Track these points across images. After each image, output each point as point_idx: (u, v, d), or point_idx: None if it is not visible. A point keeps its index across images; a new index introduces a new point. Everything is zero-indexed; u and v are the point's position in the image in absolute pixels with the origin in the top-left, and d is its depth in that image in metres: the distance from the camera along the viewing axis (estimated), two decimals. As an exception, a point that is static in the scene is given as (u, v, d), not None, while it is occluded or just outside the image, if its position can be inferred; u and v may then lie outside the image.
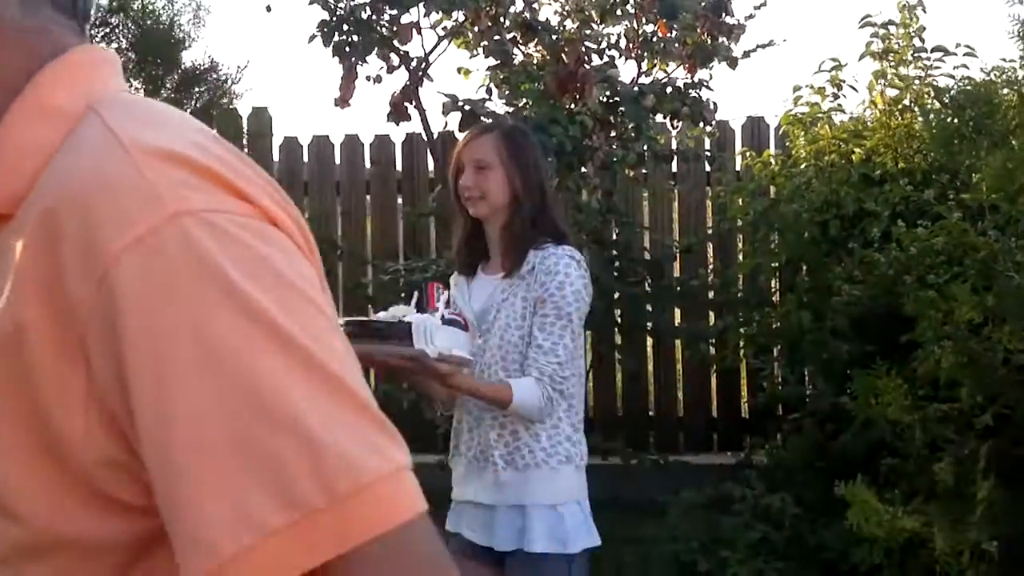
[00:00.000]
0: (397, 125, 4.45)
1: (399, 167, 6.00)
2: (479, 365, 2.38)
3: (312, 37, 4.27)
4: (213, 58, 5.09)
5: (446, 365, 2.18)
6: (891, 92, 4.58)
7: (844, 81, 4.64)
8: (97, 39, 4.90)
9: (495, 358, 2.37)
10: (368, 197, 6.04)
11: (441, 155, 4.74)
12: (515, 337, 2.35)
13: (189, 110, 5.03)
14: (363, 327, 2.15)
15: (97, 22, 4.91)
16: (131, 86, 4.97)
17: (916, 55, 4.53)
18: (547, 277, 2.34)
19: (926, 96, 4.50)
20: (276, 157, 6.02)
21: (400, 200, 6.00)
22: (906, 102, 4.56)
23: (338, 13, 4.26)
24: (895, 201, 4.28)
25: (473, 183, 2.38)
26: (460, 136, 4.76)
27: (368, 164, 6.05)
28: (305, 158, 6.06)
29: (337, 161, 6.06)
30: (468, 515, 2.45)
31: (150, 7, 5.00)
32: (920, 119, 4.46)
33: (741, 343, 4.94)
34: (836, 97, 4.66)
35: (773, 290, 5.15)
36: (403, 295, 4.88)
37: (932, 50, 4.51)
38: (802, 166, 4.68)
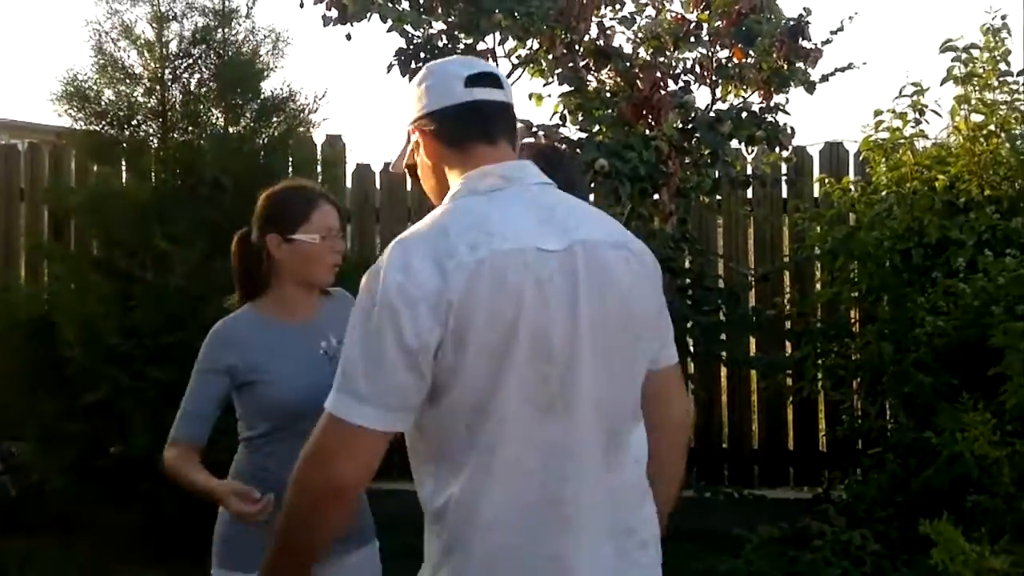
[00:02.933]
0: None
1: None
2: None
3: (390, 66, 4.33)
4: (292, 88, 5.15)
5: None
6: (976, 117, 4.47)
7: (926, 106, 4.53)
8: (180, 69, 5.03)
9: None
10: (439, 224, 6.07)
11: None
12: None
13: (267, 138, 5.11)
14: None
15: (180, 53, 5.03)
16: (212, 116, 5.09)
17: (1002, 79, 4.41)
18: None
19: (1012, 121, 4.37)
20: (349, 184, 6.10)
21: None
22: (992, 127, 4.43)
23: (415, 41, 4.31)
24: (981, 229, 4.16)
25: None
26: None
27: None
28: (377, 185, 6.13)
29: (409, 187, 6.11)
30: None
31: (231, 38, 5.09)
32: (1007, 145, 4.33)
33: (819, 374, 4.82)
34: (918, 123, 4.56)
35: (853, 320, 5.02)
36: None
37: (1018, 74, 4.40)
38: (883, 193, 4.58)
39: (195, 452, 2.48)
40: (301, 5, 4.48)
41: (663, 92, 4.27)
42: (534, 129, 4.17)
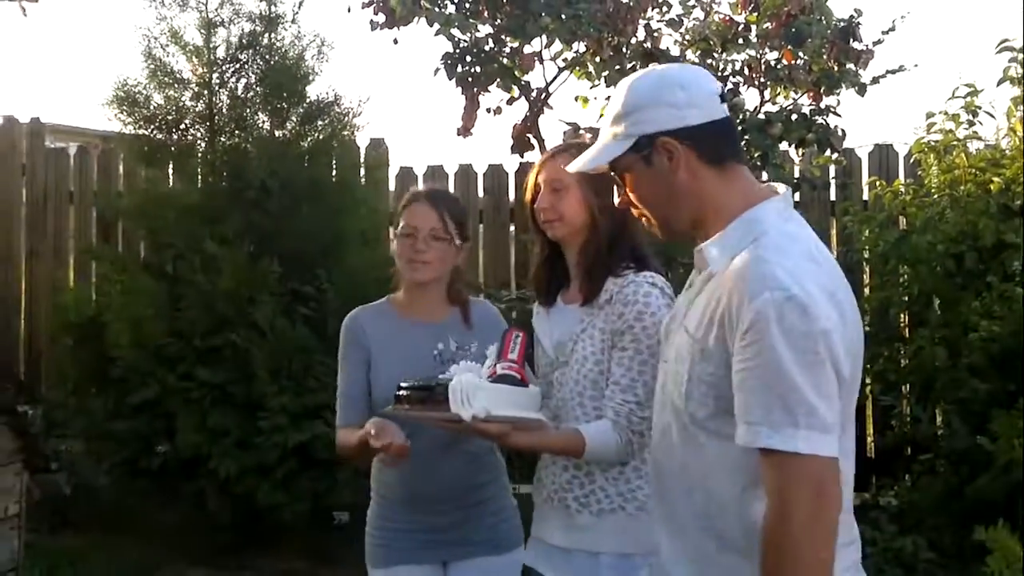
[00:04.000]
0: (521, 157, 4.47)
1: (511, 196, 6.03)
2: (556, 399, 2.27)
3: (436, 70, 4.34)
4: (336, 92, 5.17)
5: (495, 425, 2.05)
6: (1031, 119, 4.39)
7: (980, 108, 4.45)
8: (228, 74, 5.08)
9: (572, 393, 2.24)
10: (481, 226, 6.08)
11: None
12: (594, 372, 2.21)
13: (312, 142, 5.13)
14: (413, 391, 2.15)
15: (228, 58, 5.08)
16: (259, 120, 5.13)
17: (1060, 80, 4.33)
18: (625, 307, 2.18)
19: (1070, 123, 4.29)
20: (392, 187, 6.12)
21: (513, 228, 6.02)
22: (1049, 129, 4.35)
23: (461, 45, 4.32)
24: (1037, 233, 4.08)
25: (549, 204, 2.28)
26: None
27: (481, 193, 6.09)
28: (420, 187, 6.13)
29: (452, 190, 6.12)
30: (545, 554, 2.33)
31: (277, 43, 5.13)
32: (1064, 147, 4.25)
33: (868, 379, 4.75)
34: (972, 124, 4.48)
35: (902, 324, 4.95)
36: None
37: (1076, 74, 4.31)
38: (935, 196, 4.50)
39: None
40: (348, 10, 4.51)
41: (711, 94, 4.23)
42: (581, 131, 4.15)
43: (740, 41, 4.37)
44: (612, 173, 1.78)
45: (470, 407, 2.02)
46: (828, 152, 4.43)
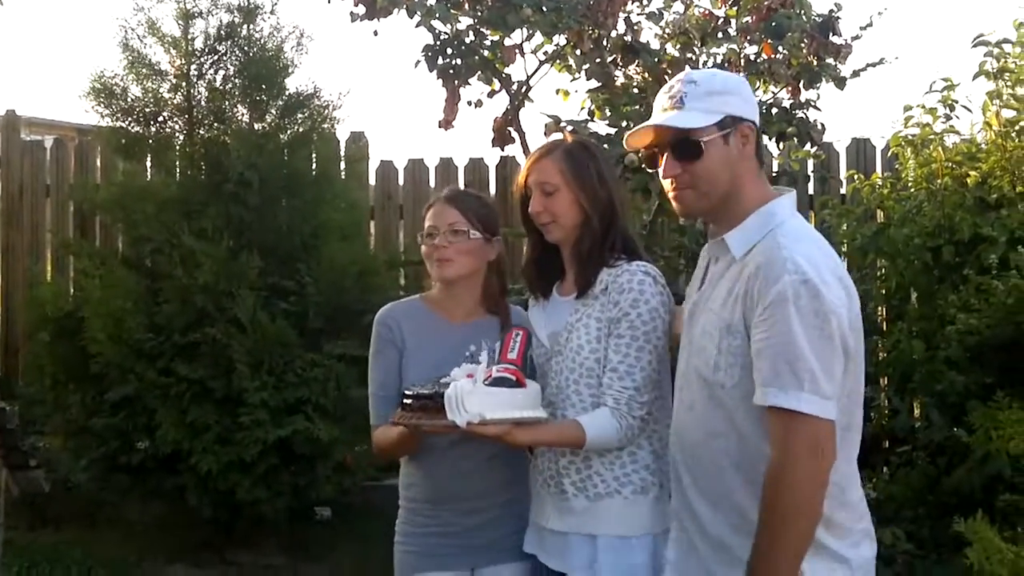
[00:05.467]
0: (502, 150, 4.47)
1: (492, 189, 6.02)
2: (552, 387, 2.32)
3: (417, 62, 4.32)
4: (316, 84, 5.13)
5: (493, 427, 2.10)
6: (1007, 113, 4.41)
7: (957, 102, 4.48)
8: (206, 66, 5.04)
9: (568, 381, 2.29)
10: (463, 220, 6.06)
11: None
12: (590, 360, 2.26)
13: (291, 135, 5.10)
14: (416, 399, 2.19)
15: (206, 50, 5.03)
16: (238, 112, 5.09)
17: (1034, 74, 4.35)
18: (620, 295, 2.24)
19: (1045, 117, 4.32)
20: (372, 180, 6.10)
21: (494, 223, 6.01)
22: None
23: (442, 37, 4.30)
24: (1013, 226, 4.11)
25: (543, 207, 2.32)
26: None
27: (462, 187, 6.08)
28: (401, 181, 6.13)
29: (432, 184, 6.11)
30: (539, 538, 2.38)
31: (256, 35, 5.08)
32: (1039, 141, 4.29)
33: (847, 371, 4.76)
34: (948, 118, 4.50)
35: (881, 317, 4.98)
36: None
37: (1052, 69, 4.34)
38: (912, 189, 4.53)
39: None
40: (328, 1, 4.48)
41: (692, 87, 4.24)
42: (562, 124, 4.15)
43: (720, 35, 4.39)
44: (656, 149, 1.97)
45: (465, 413, 2.08)
46: (807, 146, 4.45)
